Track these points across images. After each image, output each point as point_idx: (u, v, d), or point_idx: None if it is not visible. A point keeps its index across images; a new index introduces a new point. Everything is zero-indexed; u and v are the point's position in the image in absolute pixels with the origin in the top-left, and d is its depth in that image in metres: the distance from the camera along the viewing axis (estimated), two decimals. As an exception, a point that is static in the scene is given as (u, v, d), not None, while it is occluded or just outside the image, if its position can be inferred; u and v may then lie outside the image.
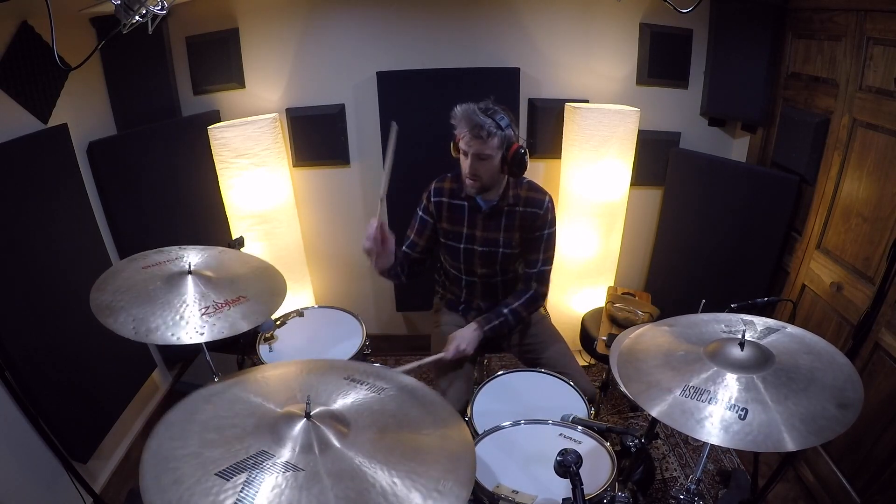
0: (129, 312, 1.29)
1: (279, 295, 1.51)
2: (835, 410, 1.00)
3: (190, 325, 1.29)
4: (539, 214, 1.78)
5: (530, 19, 2.46)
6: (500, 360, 2.80)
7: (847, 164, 1.91)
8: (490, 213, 1.80)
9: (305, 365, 1.25)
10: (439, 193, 1.85)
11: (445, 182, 1.85)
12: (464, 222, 1.84)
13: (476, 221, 1.83)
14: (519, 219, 1.80)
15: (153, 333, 1.25)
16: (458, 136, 1.68)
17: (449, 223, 1.86)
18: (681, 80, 2.56)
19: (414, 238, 1.90)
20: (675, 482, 2.18)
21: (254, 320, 1.37)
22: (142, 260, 1.53)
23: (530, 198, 1.79)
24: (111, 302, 1.33)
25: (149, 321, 1.27)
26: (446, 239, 1.88)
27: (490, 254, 1.84)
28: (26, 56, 1.77)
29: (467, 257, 1.87)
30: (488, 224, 1.82)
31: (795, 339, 1.21)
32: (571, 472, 1.02)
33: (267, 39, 2.49)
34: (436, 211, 1.86)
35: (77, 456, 1.87)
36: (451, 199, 1.84)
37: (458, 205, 1.83)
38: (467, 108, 1.65)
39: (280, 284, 1.56)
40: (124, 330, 1.25)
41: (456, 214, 1.84)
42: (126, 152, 2.23)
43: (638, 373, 1.19)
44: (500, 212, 1.80)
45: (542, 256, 1.83)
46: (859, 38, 1.81)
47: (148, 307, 1.31)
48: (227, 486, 0.81)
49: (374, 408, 1.07)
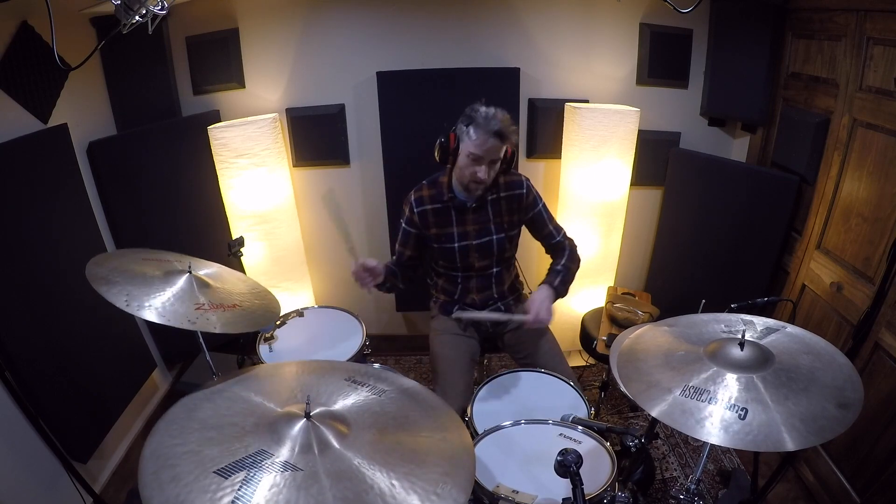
0: (123, 287, 1.29)
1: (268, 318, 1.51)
2: (835, 410, 1.00)
3: (181, 313, 1.28)
4: (522, 194, 1.85)
5: (530, 19, 2.46)
6: (500, 360, 2.80)
7: (847, 164, 1.91)
8: (476, 206, 1.83)
9: (306, 365, 1.25)
10: (421, 203, 1.85)
11: (423, 190, 1.86)
12: (452, 223, 1.85)
13: (465, 218, 1.84)
14: (505, 203, 1.85)
15: (144, 309, 1.24)
16: (475, 143, 1.66)
17: (438, 227, 1.86)
18: (681, 80, 2.56)
19: (399, 248, 1.94)
20: (675, 482, 2.18)
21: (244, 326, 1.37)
22: (143, 253, 1.54)
23: (508, 181, 1.85)
24: (107, 276, 1.32)
25: (142, 298, 1.27)
26: (439, 243, 1.88)
27: (486, 244, 1.86)
28: (26, 56, 1.77)
29: (464, 254, 1.87)
30: (477, 217, 1.84)
31: (795, 339, 1.21)
32: (571, 472, 1.01)
33: (267, 39, 2.49)
34: (421, 221, 1.86)
35: (77, 456, 1.87)
36: (433, 204, 1.84)
37: (441, 208, 1.84)
38: (488, 112, 1.65)
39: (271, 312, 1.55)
40: (117, 300, 1.24)
41: (443, 218, 1.85)
42: (126, 152, 2.24)
43: (638, 373, 1.19)
44: (485, 202, 1.83)
45: (554, 225, 1.92)
46: (859, 38, 1.81)
47: (143, 288, 1.32)
48: (226, 485, 0.81)
49: (374, 409, 1.07)
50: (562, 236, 1.94)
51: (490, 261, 1.90)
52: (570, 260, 1.89)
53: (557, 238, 1.93)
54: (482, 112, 1.65)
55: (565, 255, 1.90)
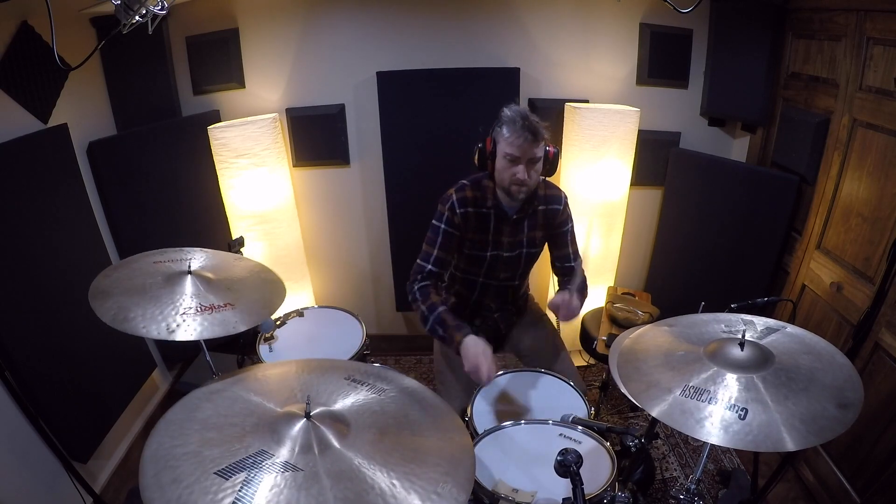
0: (116, 300, 1.32)
1: (269, 308, 1.50)
2: (835, 410, 1.00)
3: (164, 323, 1.29)
4: (559, 210, 1.80)
5: (530, 19, 2.46)
6: (501, 360, 2.79)
7: (847, 164, 1.91)
8: (517, 217, 1.76)
9: (306, 365, 1.25)
10: (464, 204, 1.73)
11: (467, 191, 1.74)
12: (489, 231, 1.77)
13: (502, 228, 1.77)
14: (542, 217, 1.80)
15: (128, 323, 1.26)
16: (508, 142, 1.60)
17: (476, 233, 1.77)
18: (681, 80, 2.56)
19: (439, 254, 1.74)
20: (675, 482, 2.18)
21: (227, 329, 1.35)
22: (158, 256, 1.55)
23: (549, 195, 1.80)
24: (108, 287, 1.36)
25: (128, 311, 1.29)
26: (471, 249, 1.80)
27: (515, 258, 1.82)
28: (26, 56, 1.77)
29: (493, 265, 1.82)
30: (513, 229, 1.78)
31: (795, 339, 1.21)
32: (572, 472, 1.01)
33: (267, 39, 2.49)
34: (462, 222, 1.74)
35: (77, 456, 1.87)
36: (476, 208, 1.74)
37: (484, 213, 1.75)
38: (520, 110, 1.61)
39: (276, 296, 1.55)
40: (105, 315, 1.27)
41: (482, 224, 1.76)
42: (126, 152, 2.23)
43: (638, 373, 1.19)
44: (526, 215, 1.77)
45: (572, 249, 1.86)
46: (859, 38, 1.81)
47: (136, 298, 1.33)
48: (226, 486, 0.81)
49: (374, 409, 1.07)
50: (578, 263, 1.85)
51: (513, 273, 1.87)
52: (583, 285, 1.77)
53: (573, 263, 1.86)
54: (513, 109, 1.62)
55: (577, 279, 1.76)
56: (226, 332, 1.34)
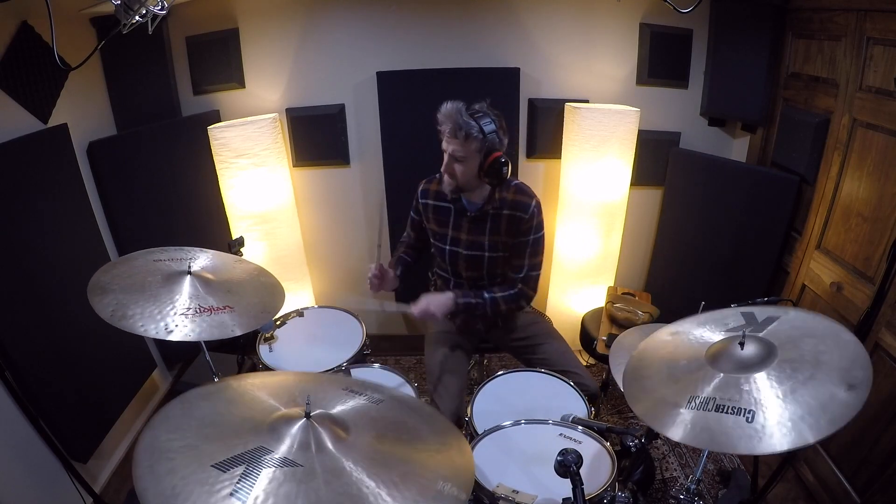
0: (115, 296, 1.31)
1: (268, 312, 1.50)
2: (844, 394, 0.97)
3: (162, 322, 1.29)
4: (524, 219, 1.72)
5: (530, 19, 2.46)
6: (500, 360, 2.80)
7: (847, 164, 1.91)
8: (476, 216, 1.77)
9: (303, 376, 1.25)
10: (425, 195, 1.86)
11: (432, 184, 1.85)
12: (449, 224, 1.82)
13: (461, 224, 1.80)
14: (505, 222, 1.74)
15: (126, 321, 1.26)
16: (440, 133, 1.66)
17: (436, 224, 1.85)
18: (681, 80, 2.56)
19: (407, 230, 2.03)
20: (675, 482, 2.18)
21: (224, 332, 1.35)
22: (158, 254, 1.55)
23: (517, 201, 1.73)
24: (107, 283, 1.35)
25: (127, 308, 1.28)
26: (434, 240, 1.89)
27: (475, 258, 1.81)
28: (26, 56, 1.77)
29: (452, 259, 1.85)
30: (473, 227, 1.78)
31: (795, 324, 1.17)
32: (572, 472, 1.02)
33: (267, 39, 2.49)
34: (423, 211, 1.88)
35: (77, 456, 1.87)
36: (436, 201, 1.83)
37: (444, 207, 1.82)
38: (453, 106, 1.62)
39: (275, 301, 1.55)
40: (103, 311, 1.27)
41: (442, 217, 1.83)
42: (126, 152, 2.24)
43: (643, 391, 1.16)
44: (486, 215, 1.76)
45: (528, 262, 1.76)
46: (859, 38, 1.81)
47: (135, 296, 1.33)
48: (224, 478, 0.80)
49: (372, 415, 1.07)
50: (523, 279, 1.77)
51: (479, 274, 1.83)
52: (504, 300, 1.77)
53: (518, 275, 1.77)
54: (449, 105, 1.62)
55: (506, 292, 1.76)
56: (223, 335, 1.34)
